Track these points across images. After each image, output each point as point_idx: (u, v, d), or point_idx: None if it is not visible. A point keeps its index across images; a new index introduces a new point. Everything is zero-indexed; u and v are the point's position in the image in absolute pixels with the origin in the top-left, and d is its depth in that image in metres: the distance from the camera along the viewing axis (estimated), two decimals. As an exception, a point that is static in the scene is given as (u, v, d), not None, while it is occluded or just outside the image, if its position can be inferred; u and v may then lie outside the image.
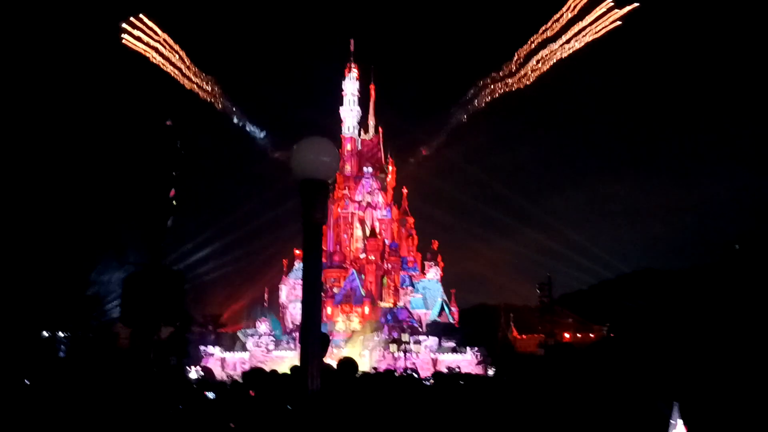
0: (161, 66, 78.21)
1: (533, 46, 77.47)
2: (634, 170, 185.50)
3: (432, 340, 72.14)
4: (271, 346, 73.56)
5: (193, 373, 49.90)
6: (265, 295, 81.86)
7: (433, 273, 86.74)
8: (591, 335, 71.34)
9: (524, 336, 71.50)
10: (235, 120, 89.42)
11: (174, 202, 9.13)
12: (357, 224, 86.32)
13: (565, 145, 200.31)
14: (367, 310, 74.56)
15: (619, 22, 71.00)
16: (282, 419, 4.44)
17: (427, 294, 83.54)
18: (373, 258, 78.43)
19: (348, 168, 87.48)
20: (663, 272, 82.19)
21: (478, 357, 69.29)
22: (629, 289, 76.51)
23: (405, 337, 68.76)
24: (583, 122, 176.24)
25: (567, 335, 69.52)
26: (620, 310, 67.70)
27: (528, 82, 79.01)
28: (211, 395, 10.24)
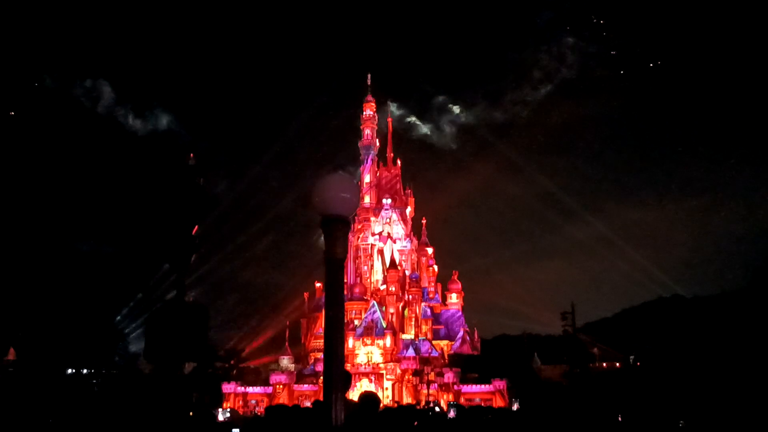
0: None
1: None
2: (658, 195, 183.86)
3: (454, 372, 71.17)
4: (294, 381, 73.13)
5: (220, 415, 49.65)
6: (287, 330, 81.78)
7: (455, 303, 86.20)
8: (617, 364, 69.96)
9: (548, 366, 70.30)
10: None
11: (197, 240, 9.25)
12: (377, 256, 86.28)
13: (586, 171, 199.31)
14: (388, 342, 73.96)
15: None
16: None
17: (448, 325, 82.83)
18: (394, 289, 78.06)
19: (367, 200, 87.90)
20: (690, 299, 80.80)
21: (502, 388, 68.15)
22: (655, 316, 75.23)
23: (427, 369, 67.97)
24: (605, 147, 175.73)
25: (592, 365, 68.18)
26: (646, 337, 66.48)
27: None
28: (236, 430, 10.27)
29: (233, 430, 11.11)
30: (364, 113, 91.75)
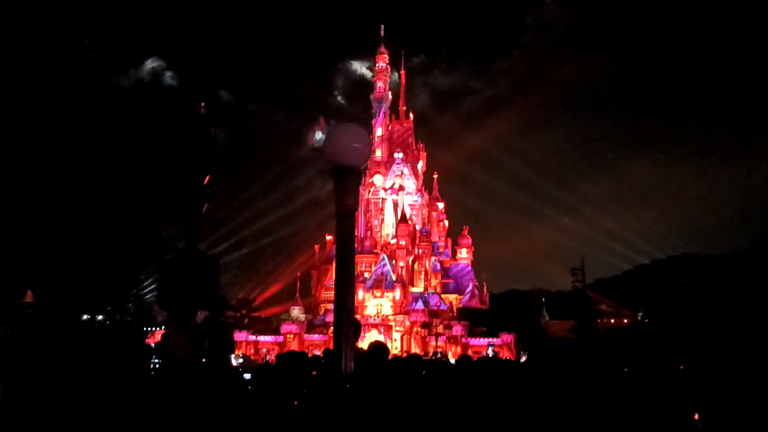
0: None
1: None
2: (671, 153, 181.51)
3: (463, 325, 72.01)
4: (304, 331, 74.33)
5: (233, 360, 50.76)
6: (297, 282, 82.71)
7: (464, 258, 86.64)
8: (624, 321, 70.52)
9: (556, 321, 70.95)
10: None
11: (209, 189, 9.26)
12: (388, 209, 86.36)
13: (599, 128, 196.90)
14: (398, 295, 74.71)
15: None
16: (316, 400, 4.54)
17: (458, 279, 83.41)
18: (404, 243, 78.39)
19: (379, 153, 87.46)
20: (701, 257, 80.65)
21: (510, 342, 68.97)
22: (665, 274, 75.31)
23: (435, 322, 68.81)
24: (619, 104, 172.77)
25: (600, 321, 68.72)
26: (655, 295, 66.74)
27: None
28: (247, 376, 10.53)
29: (245, 375, 11.41)
30: (377, 65, 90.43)
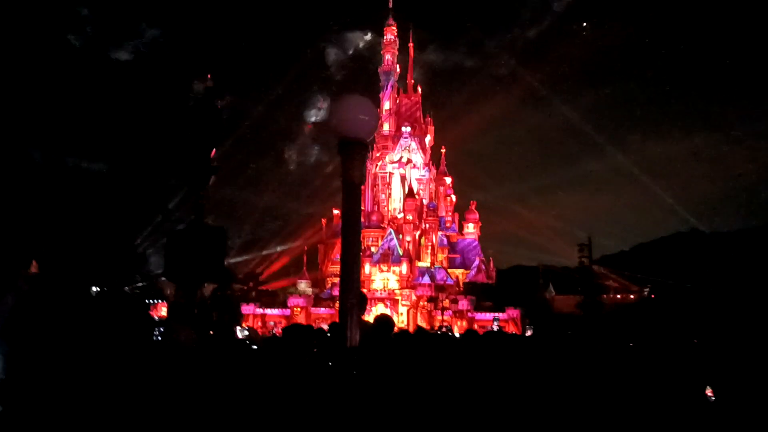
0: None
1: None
2: (678, 128, 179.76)
3: (469, 300, 72.36)
4: (311, 304, 74.90)
5: (239, 332, 51.20)
6: (304, 255, 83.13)
7: (471, 233, 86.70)
8: (631, 297, 70.59)
9: (563, 296, 71.11)
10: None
11: (215, 162, 9.26)
12: (395, 184, 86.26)
13: (609, 103, 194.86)
14: (404, 269, 75.00)
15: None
16: (322, 372, 4.57)
17: (464, 254, 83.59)
18: (411, 218, 78.46)
19: (386, 127, 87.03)
20: (709, 234, 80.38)
21: (516, 316, 69.30)
22: (673, 250, 75.16)
23: (442, 296, 69.17)
24: (630, 79, 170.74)
25: (606, 296, 68.81)
26: (663, 271, 66.66)
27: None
28: (253, 347, 10.63)
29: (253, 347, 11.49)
30: (385, 38, 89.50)
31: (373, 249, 77.52)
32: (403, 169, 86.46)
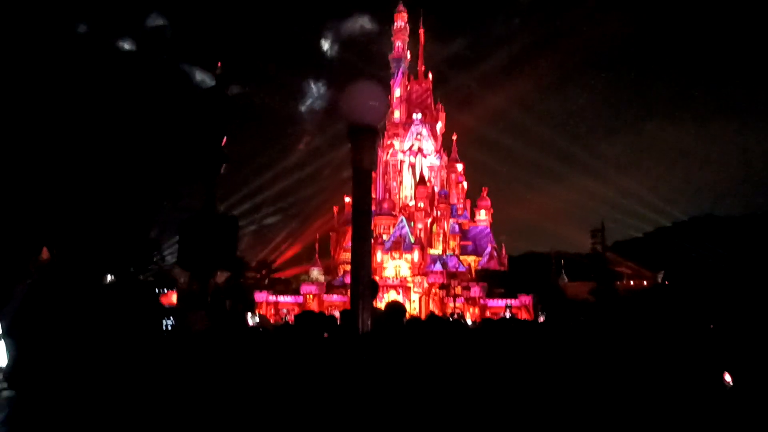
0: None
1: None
2: (692, 112, 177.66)
3: (481, 287, 72.31)
4: (324, 291, 75.20)
5: (250, 319, 51.53)
6: (317, 243, 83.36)
7: (483, 220, 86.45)
8: (645, 283, 70.22)
9: (576, 283, 70.90)
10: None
11: (226, 150, 9.26)
12: (406, 171, 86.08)
13: (619, 86, 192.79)
14: (416, 256, 75.03)
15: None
16: (333, 359, 4.58)
17: (476, 241, 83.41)
18: (422, 205, 78.34)
19: (397, 114, 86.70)
20: (723, 218, 79.56)
21: (528, 303, 69.19)
22: (687, 235, 74.53)
23: (454, 283, 69.13)
24: (642, 63, 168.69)
25: (619, 283, 68.51)
26: (677, 257, 66.18)
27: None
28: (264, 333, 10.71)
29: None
30: (395, 24, 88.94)
31: (384, 236, 77.58)
32: (414, 156, 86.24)
